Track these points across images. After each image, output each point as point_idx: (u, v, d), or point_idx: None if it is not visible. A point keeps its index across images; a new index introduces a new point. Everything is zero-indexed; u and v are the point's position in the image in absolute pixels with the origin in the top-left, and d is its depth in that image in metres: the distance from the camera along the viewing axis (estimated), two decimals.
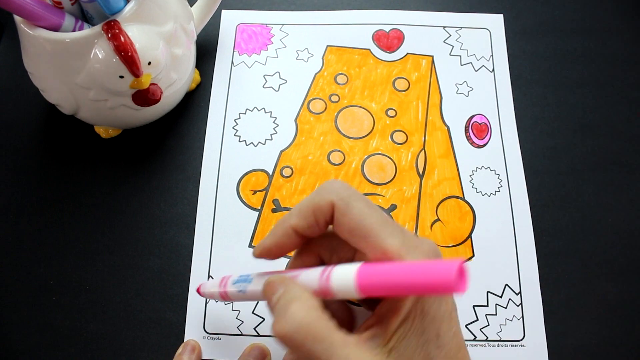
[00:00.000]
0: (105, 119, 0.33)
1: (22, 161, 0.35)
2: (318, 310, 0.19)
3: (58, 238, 0.33)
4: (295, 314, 0.19)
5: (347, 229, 0.20)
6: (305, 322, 0.19)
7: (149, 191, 0.34)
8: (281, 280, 0.21)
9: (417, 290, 0.17)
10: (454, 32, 0.39)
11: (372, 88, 0.37)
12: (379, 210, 0.20)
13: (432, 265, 0.17)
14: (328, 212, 0.21)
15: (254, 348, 0.29)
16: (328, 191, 0.21)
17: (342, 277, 0.19)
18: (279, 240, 0.22)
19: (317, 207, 0.21)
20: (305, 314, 0.19)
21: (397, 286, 0.17)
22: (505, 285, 0.32)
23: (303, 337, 0.18)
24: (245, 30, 0.39)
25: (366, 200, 0.21)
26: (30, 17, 0.27)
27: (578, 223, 0.34)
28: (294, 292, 0.20)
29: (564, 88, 0.38)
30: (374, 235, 0.19)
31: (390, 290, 0.18)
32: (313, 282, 0.20)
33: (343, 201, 0.20)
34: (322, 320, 0.19)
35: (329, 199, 0.21)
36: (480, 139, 0.36)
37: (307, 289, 0.20)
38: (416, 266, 0.17)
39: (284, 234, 0.22)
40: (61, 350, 0.30)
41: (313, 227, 0.21)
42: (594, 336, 0.31)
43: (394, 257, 0.19)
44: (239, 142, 0.35)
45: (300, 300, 0.20)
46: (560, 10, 0.40)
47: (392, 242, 0.19)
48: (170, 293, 0.31)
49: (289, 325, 0.19)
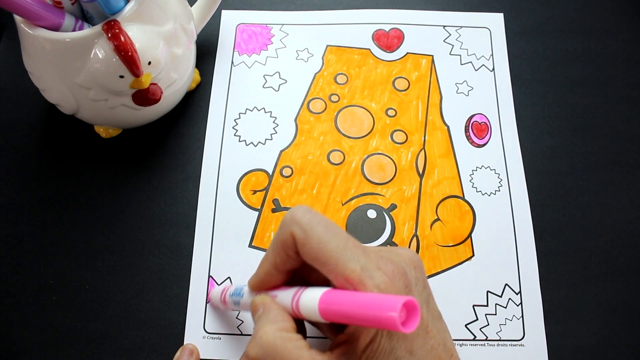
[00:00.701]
0: (105, 119, 0.33)
1: (22, 161, 0.35)
2: (288, 331, 0.20)
3: (58, 238, 0.33)
4: (264, 337, 0.20)
5: (309, 258, 0.20)
6: (272, 344, 0.19)
7: (149, 191, 0.34)
8: (261, 301, 0.22)
9: (367, 323, 0.17)
10: (454, 31, 0.39)
11: (372, 88, 0.37)
12: (340, 233, 0.20)
13: (379, 301, 0.17)
14: (292, 244, 0.21)
15: None
16: (288, 223, 0.21)
17: (308, 303, 0.20)
18: (263, 279, 0.23)
19: (283, 242, 0.21)
20: (272, 336, 0.20)
21: (352, 317, 0.18)
22: (505, 284, 0.32)
23: (271, 359, 0.19)
24: (245, 30, 0.39)
25: (326, 225, 0.20)
26: (31, 16, 0.27)
27: (578, 223, 0.34)
28: (268, 314, 0.21)
29: (564, 88, 0.38)
30: (333, 262, 0.19)
31: (347, 319, 0.18)
32: (287, 303, 0.21)
33: (302, 230, 0.20)
34: (289, 342, 0.19)
35: (289, 232, 0.21)
36: (480, 138, 0.36)
37: (284, 309, 0.21)
38: (367, 299, 0.17)
39: (266, 274, 0.23)
40: (61, 350, 0.30)
41: (288, 261, 0.22)
42: (594, 336, 0.31)
43: (354, 283, 0.19)
44: (239, 142, 0.35)
45: (272, 322, 0.20)
46: (560, 10, 0.40)
47: (353, 267, 0.19)
48: (170, 293, 0.31)
49: (257, 348, 0.20)
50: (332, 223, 0.21)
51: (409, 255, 0.21)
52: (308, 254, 0.20)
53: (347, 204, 0.34)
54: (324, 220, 0.21)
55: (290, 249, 0.21)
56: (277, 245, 0.22)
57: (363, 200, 0.34)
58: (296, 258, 0.21)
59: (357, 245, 0.20)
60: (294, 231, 0.20)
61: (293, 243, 0.21)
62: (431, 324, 0.20)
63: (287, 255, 0.21)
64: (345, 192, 0.34)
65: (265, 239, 0.33)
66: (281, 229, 0.21)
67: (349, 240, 0.20)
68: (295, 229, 0.20)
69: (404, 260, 0.21)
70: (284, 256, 0.21)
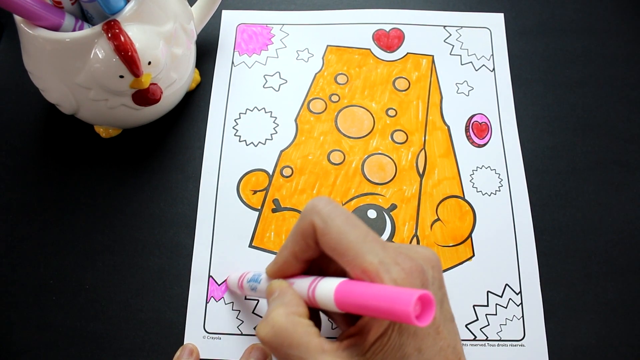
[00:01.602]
0: (105, 119, 0.33)
1: (22, 161, 0.35)
2: (300, 316, 0.20)
3: (58, 238, 0.33)
4: (276, 319, 0.20)
5: (328, 248, 0.20)
6: (283, 327, 0.19)
7: (149, 191, 0.34)
8: (278, 285, 0.22)
9: (381, 314, 0.17)
10: (455, 31, 0.39)
11: (372, 88, 0.37)
12: (361, 226, 0.20)
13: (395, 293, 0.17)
14: (312, 234, 0.21)
15: (255, 349, 0.29)
16: (309, 213, 0.21)
17: (324, 292, 0.20)
18: (281, 267, 0.23)
19: (303, 231, 0.21)
20: (284, 319, 0.20)
21: (366, 308, 0.18)
22: (506, 285, 0.32)
23: (280, 341, 0.19)
24: (245, 31, 0.39)
25: (347, 217, 0.20)
26: (31, 16, 0.27)
27: (578, 222, 0.34)
28: (284, 297, 0.21)
29: (564, 87, 0.38)
30: (352, 254, 0.19)
31: (362, 310, 0.18)
32: (303, 291, 0.21)
33: (322, 221, 0.20)
34: (300, 326, 0.19)
35: (309, 221, 0.21)
36: (480, 138, 0.36)
37: (299, 296, 0.21)
38: (383, 291, 0.17)
39: (285, 262, 0.23)
40: (61, 350, 0.30)
41: (307, 250, 0.22)
42: (594, 336, 0.31)
43: (371, 275, 0.19)
44: (239, 142, 0.35)
45: (285, 305, 0.20)
46: (561, 10, 0.40)
47: (371, 259, 0.19)
48: (170, 293, 0.31)
49: (268, 329, 0.20)
50: (353, 215, 0.21)
51: (428, 254, 0.21)
52: (327, 244, 0.20)
53: (348, 204, 0.34)
54: (345, 212, 0.21)
55: (309, 238, 0.21)
56: (297, 234, 0.22)
57: (363, 200, 0.34)
58: (315, 248, 0.21)
59: (376, 239, 0.20)
60: (315, 220, 0.21)
61: (313, 232, 0.21)
62: (443, 325, 0.20)
63: (306, 245, 0.21)
64: (346, 192, 0.34)
65: (266, 239, 0.33)
66: (302, 219, 0.21)
67: (368, 233, 0.20)
68: (316, 219, 0.20)
69: (422, 258, 0.21)
70: (303, 245, 0.22)
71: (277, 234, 0.33)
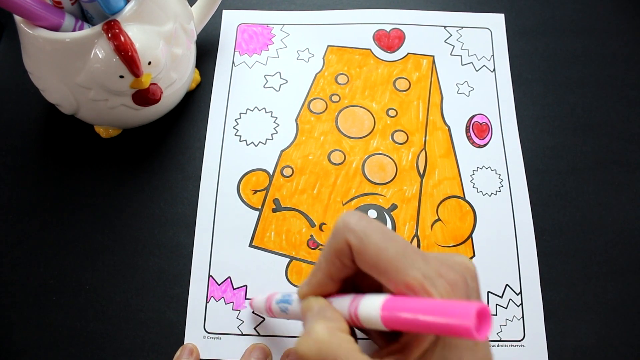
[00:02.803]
0: (105, 119, 0.33)
1: (22, 161, 0.35)
2: (343, 332, 0.19)
3: (58, 238, 0.33)
4: (320, 334, 0.19)
5: (367, 267, 0.20)
6: (327, 341, 0.19)
7: (149, 191, 0.34)
8: (316, 301, 0.21)
9: (438, 331, 0.17)
10: (455, 31, 0.39)
11: (373, 88, 0.37)
12: (398, 240, 0.19)
13: (451, 307, 0.16)
14: (348, 252, 0.20)
15: (255, 348, 0.29)
16: (342, 231, 0.20)
17: (368, 310, 0.19)
18: (316, 290, 0.22)
19: (337, 251, 0.20)
20: (328, 334, 0.19)
21: (419, 325, 0.17)
22: (506, 285, 0.32)
23: (324, 358, 0.19)
24: (246, 30, 0.39)
25: (382, 232, 0.20)
26: (31, 17, 0.27)
27: (578, 222, 0.34)
28: (324, 312, 0.20)
29: (565, 88, 0.38)
30: (393, 271, 0.19)
31: (414, 328, 0.17)
32: (344, 310, 0.20)
33: (358, 239, 0.19)
34: (344, 343, 0.19)
35: (344, 240, 0.20)
36: (481, 138, 0.36)
37: (340, 312, 0.20)
38: (437, 306, 0.17)
39: (320, 283, 0.22)
40: (61, 350, 0.30)
41: (344, 269, 0.21)
42: (594, 336, 0.31)
43: (416, 290, 0.18)
44: (239, 142, 0.35)
45: (328, 320, 0.20)
46: (561, 10, 0.40)
47: (414, 274, 0.18)
48: (170, 293, 0.31)
49: (311, 344, 0.19)
50: (388, 229, 0.20)
51: (467, 264, 0.21)
52: (365, 263, 0.20)
53: (348, 204, 0.34)
54: (380, 227, 0.20)
55: (345, 258, 0.20)
56: (331, 254, 0.21)
57: (364, 200, 0.34)
58: (351, 266, 0.21)
59: (416, 252, 0.19)
60: (350, 239, 0.20)
61: (349, 251, 0.20)
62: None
63: (342, 264, 0.21)
64: (346, 192, 0.34)
65: (266, 238, 0.33)
66: (334, 238, 0.20)
67: (407, 246, 0.19)
68: (351, 237, 0.20)
69: (462, 268, 0.20)
70: (339, 265, 0.21)
71: (277, 234, 0.33)
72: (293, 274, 0.32)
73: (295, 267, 0.32)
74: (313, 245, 0.33)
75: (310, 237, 0.33)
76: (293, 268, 0.32)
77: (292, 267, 0.32)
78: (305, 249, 0.33)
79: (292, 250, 0.32)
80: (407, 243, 0.20)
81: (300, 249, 0.33)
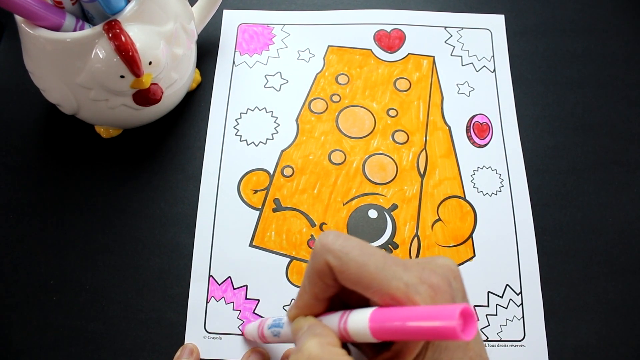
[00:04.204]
0: (105, 119, 0.33)
1: (22, 161, 0.35)
2: (334, 346, 0.19)
3: (58, 238, 0.33)
4: (311, 349, 0.19)
5: (350, 284, 0.20)
6: (319, 356, 0.19)
7: (149, 191, 0.34)
8: (305, 320, 0.22)
9: (425, 336, 0.17)
10: (455, 32, 0.39)
11: (373, 88, 0.37)
12: (377, 254, 0.20)
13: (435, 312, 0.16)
14: (329, 273, 0.20)
15: (254, 352, 0.29)
16: (320, 252, 0.20)
17: (357, 324, 0.19)
18: (303, 311, 0.22)
19: (319, 272, 0.21)
20: (320, 349, 0.19)
21: (406, 332, 0.17)
22: (506, 285, 0.32)
23: None
24: (246, 30, 0.39)
25: (360, 248, 0.20)
26: (31, 17, 0.27)
27: (579, 222, 0.34)
28: (314, 329, 0.20)
29: (565, 88, 0.38)
30: (376, 284, 0.19)
31: (402, 336, 0.18)
32: (334, 326, 0.21)
33: (337, 258, 0.20)
34: (336, 356, 0.19)
35: (323, 261, 0.20)
36: (481, 138, 0.36)
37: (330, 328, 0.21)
38: (421, 312, 0.17)
39: (306, 305, 0.22)
40: (61, 350, 0.30)
41: (327, 289, 0.21)
42: (594, 336, 0.31)
43: (401, 300, 0.18)
44: (240, 142, 0.35)
45: (319, 336, 0.20)
46: (561, 10, 0.40)
47: (396, 284, 0.19)
48: (170, 293, 0.31)
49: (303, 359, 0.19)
50: (366, 244, 0.20)
51: (449, 264, 0.21)
52: (348, 280, 0.20)
53: (348, 203, 0.34)
54: (358, 243, 0.20)
55: (328, 278, 0.20)
56: (314, 276, 0.21)
57: (364, 200, 0.34)
58: (335, 285, 0.21)
59: (396, 262, 0.20)
60: (329, 260, 0.20)
61: (330, 272, 0.20)
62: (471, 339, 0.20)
63: (325, 285, 0.21)
64: (347, 192, 0.34)
65: (266, 238, 0.33)
66: (314, 259, 0.21)
67: (387, 258, 0.20)
68: (330, 258, 0.20)
69: (444, 269, 0.20)
70: (322, 286, 0.21)
71: (277, 234, 0.33)
72: (293, 273, 0.32)
73: (296, 267, 0.32)
74: (313, 245, 0.33)
75: (310, 237, 0.33)
76: (293, 268, 0.32)
77: (292, 267, 0.32)
78: (306, 249, 0.33)
79: (293, 250, 0.32)
80: (386, 255, 0.20)
81: (301, 249, 0.33)
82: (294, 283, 0.32)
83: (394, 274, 0.19)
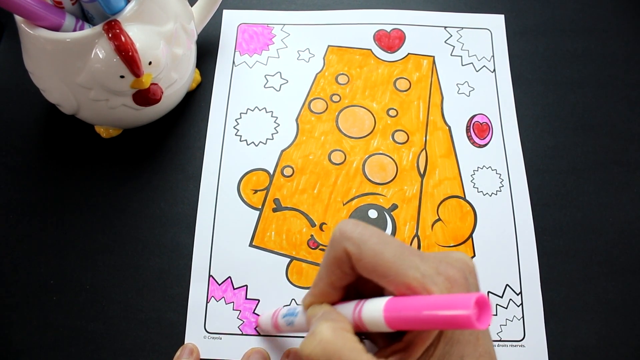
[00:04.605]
0: (105, 119, 0.33)
1: (22, 161, 0.35)
2: (347, 332, 0.19)
3: (58, 238, 0.33)
4: (324, 333, 0.19)
5: (367, 272, 0.20)
6: (332, 341, 0.19)
7: (149, 191, 0.34)
8: (320, 306, 0.22)
9: (440, 325, 0.17)
10: (455, 32, 0.39)
11: (373, 88, 0.37)
12: (394, 243, 0.20)
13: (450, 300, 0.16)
14: (347, 260, 0.20)
15: (254, 352, 0.29)
16: (339, 240, 0.20)
17: (371, 312, 0.19)
18: (319, 299, 0.22)
19: (337, 260, 0.21)
20: (332, 334, 0.19)
21: (421, 321, 0.17)
22: (506, 285, 0.32)
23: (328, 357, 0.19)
24: (246, 30, 0.39)
25: (378, 236, 0.20)
26: (31, 17, 0.27)
27: (579, 222, 0.34)
28: (328, 315, 0.21)
29: (565, 87, 0.38)
30: (393, 273, 0.19)
31: (416, 325, 0.18)
32: (348, 315, 0.21)
33: (355, 246, 0.20)
34: (348, 342, 0.19)
35: (342, 249, 0.20)
36: (481, 138, 0.36)
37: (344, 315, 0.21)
38: (436, 301, 0.17)
39: (323, 293, 0.22)
40: (61, 350, 0.30)
41: (344, 277, 0.21)
42: (594, 336, 0.31)
43: (417, 290, 0.18)
44: (240, 142, 0.35)
45: (332, 321, 0.20)
46: (561, 10, 0.40)
47: (413, 274, 0.19)
48: (170, 293, 0.31)
49: (315, 344, 0.19)
50: (384, 233, 0.20)
51: (466, 260, 0.21)
52: (365, 268, 0.20)
53: (348, 203, 0.34)
54: (376, 232, 0.20)
55: (345, 266, 0.21)
56: (331, 264, 0.21)
57: (364, 200, 0.34)
58: (352, 273, 0.21)
59: (413, 252, 0.20)
60: (347, 247, 0.20)
61: (348, 259, 0.20)
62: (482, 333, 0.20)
63: (342, 272, 0.21)
64: (347, 192, 0.34)
65: (266, 238, 0.33)
66: (332, 247, 0.21)
67: (404, 247, 0.20)
68: (348, 245, 0.20)
69: (461, 264, 0.20)
70: (339, 273, 0.21)
71: (277, 234, 0.33)
72: (293, 273, 0.32)
73: (296, 267, 0.32)
74: (313, 245, 0.33)
75: (310, 237, 0.33)
76: (293, 268, 0.32)
77: (292, 267, 0.32)
78: (306, 249, 0.33)
79: (293, 250, 0.32)
80: (403, 245, 0.20)
81: (301, 249, 0.33)
82: (294, 283, 0.32)
83: (411, 264, 0.19)
